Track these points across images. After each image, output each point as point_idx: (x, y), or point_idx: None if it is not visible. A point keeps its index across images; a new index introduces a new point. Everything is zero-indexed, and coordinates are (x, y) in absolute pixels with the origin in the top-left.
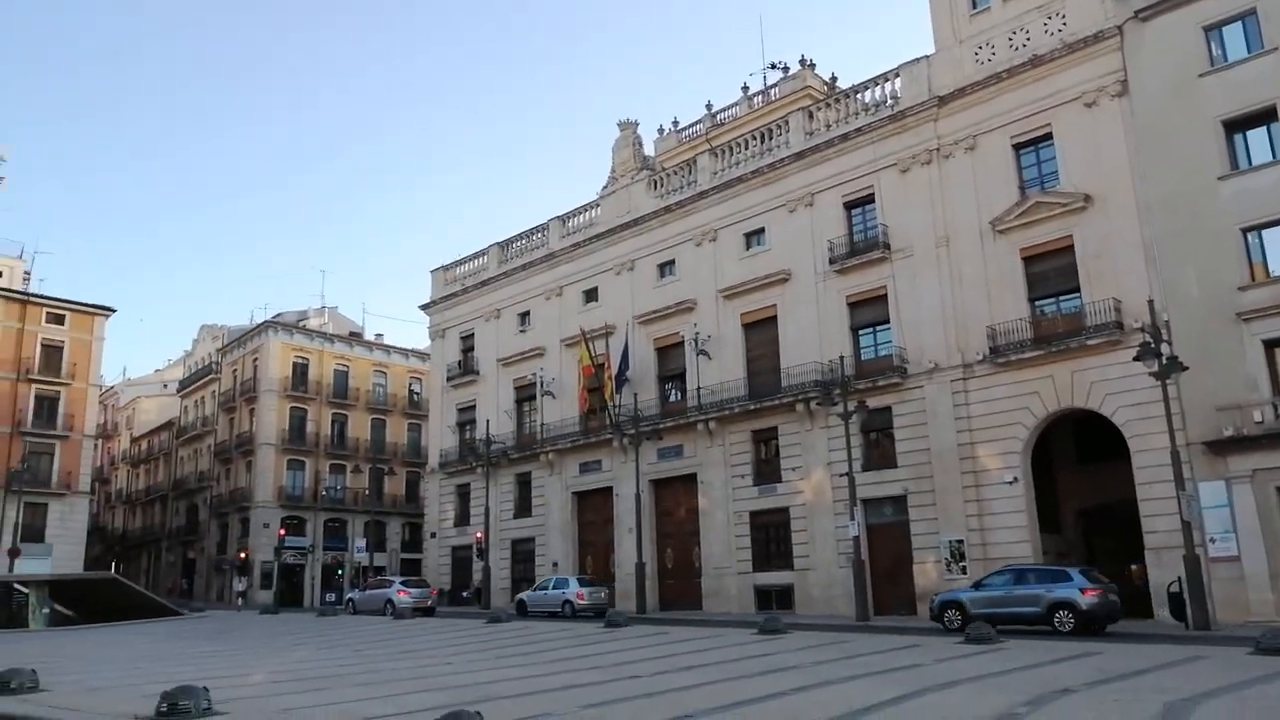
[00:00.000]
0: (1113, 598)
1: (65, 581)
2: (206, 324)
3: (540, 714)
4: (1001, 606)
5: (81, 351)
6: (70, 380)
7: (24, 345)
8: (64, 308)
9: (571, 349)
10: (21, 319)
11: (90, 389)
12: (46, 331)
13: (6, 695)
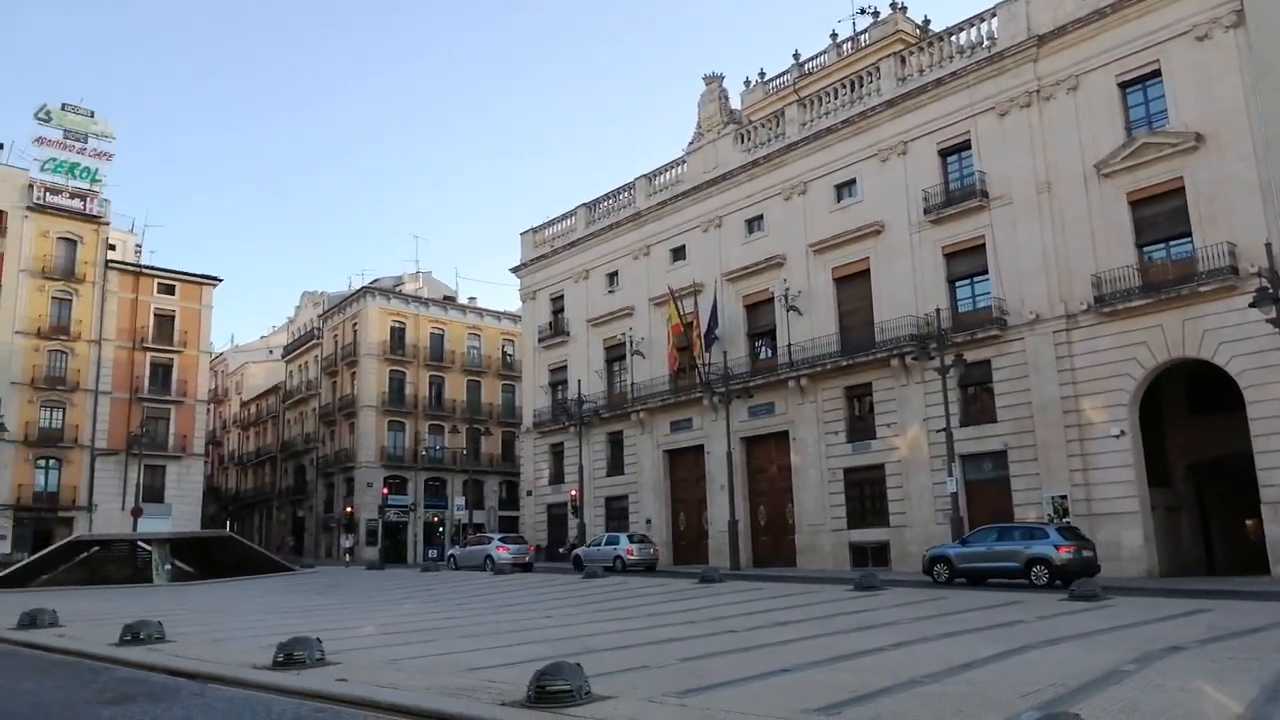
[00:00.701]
0: (1087, 554)
1: (184, 539)
2: (308, 291)
3: (638, 666)
4: (984, 561)
5: (191, 320)
6: (182, 348)
7: (138, 315)
8: (174, 278)
9: (660, 308)
10: (135, 290)
11: (201, 356)
12: (158, 302)
13: (136, 645)
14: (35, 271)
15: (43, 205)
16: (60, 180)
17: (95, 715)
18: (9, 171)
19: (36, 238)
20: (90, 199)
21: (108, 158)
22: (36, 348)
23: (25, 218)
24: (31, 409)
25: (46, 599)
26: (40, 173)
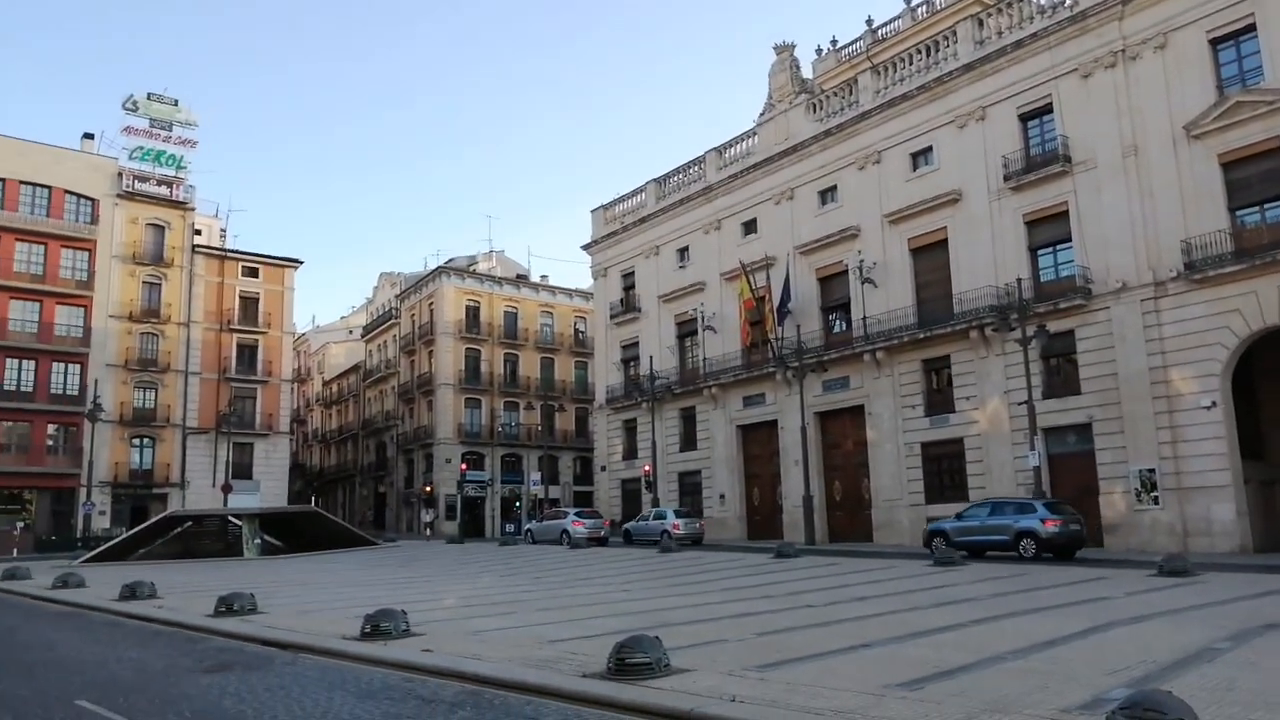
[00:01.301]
0: (1074, 527)
1: (272, 514)
2: (385, 272)
3: (716, 640)
4: (977, 535)
5: (274, 302)
6: (266, 329)
7: (224, 298)
8: (257, 261)
9: (731, 283)
10: (220, 274)
11: (284, 336)
12: (243, 284)
13: (231, 616)
14: (126, 257)
15: (132, 193)
16: (147, 168)
17: (195, 683)
18: (100, 160)
19: (126, 224)
20: (176, 185)
21: (191, 145)
22: (129, 331)
23: (116, 205)
24: (126, 390)
25: (144, 572)
26: (129, 161)
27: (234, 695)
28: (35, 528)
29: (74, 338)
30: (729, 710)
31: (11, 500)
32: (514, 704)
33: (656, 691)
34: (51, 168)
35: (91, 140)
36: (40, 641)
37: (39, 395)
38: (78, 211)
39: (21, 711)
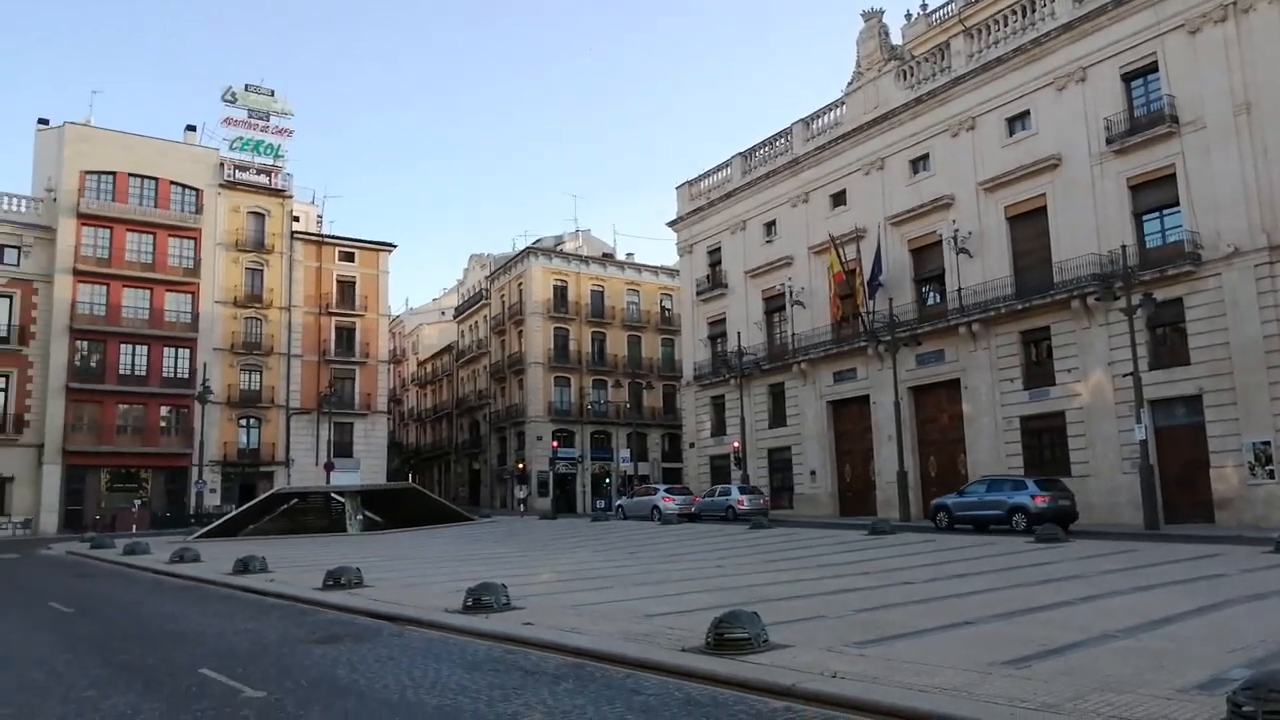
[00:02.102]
0: (1063, 503)
1: (372, 491)
2: (475, 253)
3: (814, 616)
4: (976, 510)
5: (370, 285)
6: (363, 312)
7: (322, 282)
8: (353, 246)
9: (820, 256)
10: (318, 259)
11: (380, 319)
12: (340, 269)
13: (338, 590)
14: (229, 245)
15: (233, 182)
16: (247, 158)
17: (309, 653)
18: (203, 152)
19: (229, 213)
20: (274, 174)
21: (288, 134)
22: (234, 315)
23: (218, 194)
24: (233, 372)
25: (255, 547)
26: (229, 151)
27: (346, 665)
28: (151, 505)
29: (183, 323)
30: (831, 686)
31: (129, 479)
32: (615, 677)
33: (756, 666)
34: (157, 160)
35: (194, 132)
36: (163, 614)
37: (152, 379)
38: (183, 201)
39: (152, 679)
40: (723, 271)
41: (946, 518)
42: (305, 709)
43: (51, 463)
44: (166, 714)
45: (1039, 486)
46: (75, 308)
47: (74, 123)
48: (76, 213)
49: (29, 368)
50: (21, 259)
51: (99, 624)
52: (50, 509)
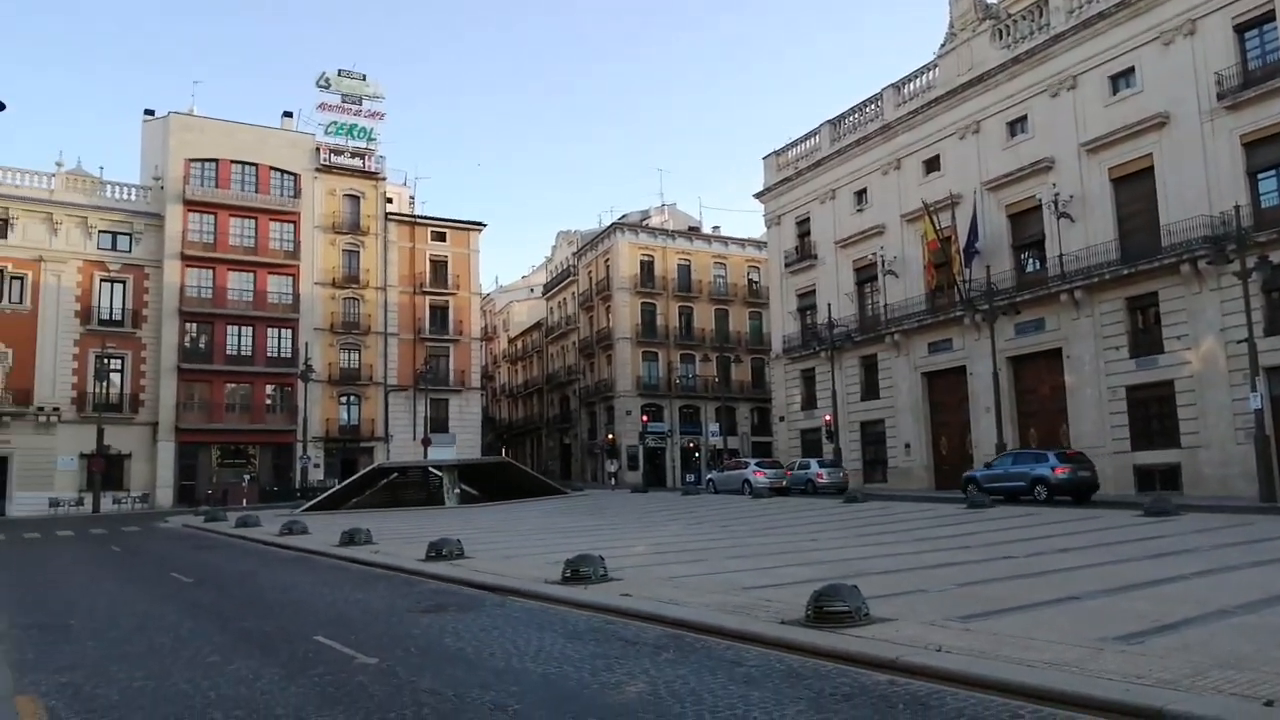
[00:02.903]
0: (1083, 474)
1: (468, 465)
2: (562, 230)
3: (914, 590)
4: (1001, 481)
5: (462, 264)
6: (455, 290)
7: (415, 262)
8: (445, 226)
9: (913, 224)
10: (411, 239)
11: (472, 297)
12: (432, 249)
13: (440, 561)
14: (326, 227)
15: (329, 166)
16: (341, 142)
17: (416, 622)
18: (299, 137)
19: (325, 196)
20: (368, 157)
21: (380, 117)
22: (333, 296)
23: (315, 179)
24: (333, 351)
25: (358, 520)
26: (324, 136)
27: (453, 634)
28: (259, 480)
29: (285, 304)
30: (935, 660)
31: (238, 455)
32: (716, 648)
33: (858, 640)
34: (257, 146)
35: (290, 118)
36: (276, 584)
37: (257, 359)
38: (282, 186)
39: (270, 645)
40: (812, 242)
41: (975, 489)
42: (416, 675)
43: (165, 440)
44: (286, 678)
45: (1059, 459)
46: (184, 291)
47: (178, 112)
48: (183, 199)
49: (142, 349)
50: (133, 245)
51: (217, 593)
52: (165, 484)
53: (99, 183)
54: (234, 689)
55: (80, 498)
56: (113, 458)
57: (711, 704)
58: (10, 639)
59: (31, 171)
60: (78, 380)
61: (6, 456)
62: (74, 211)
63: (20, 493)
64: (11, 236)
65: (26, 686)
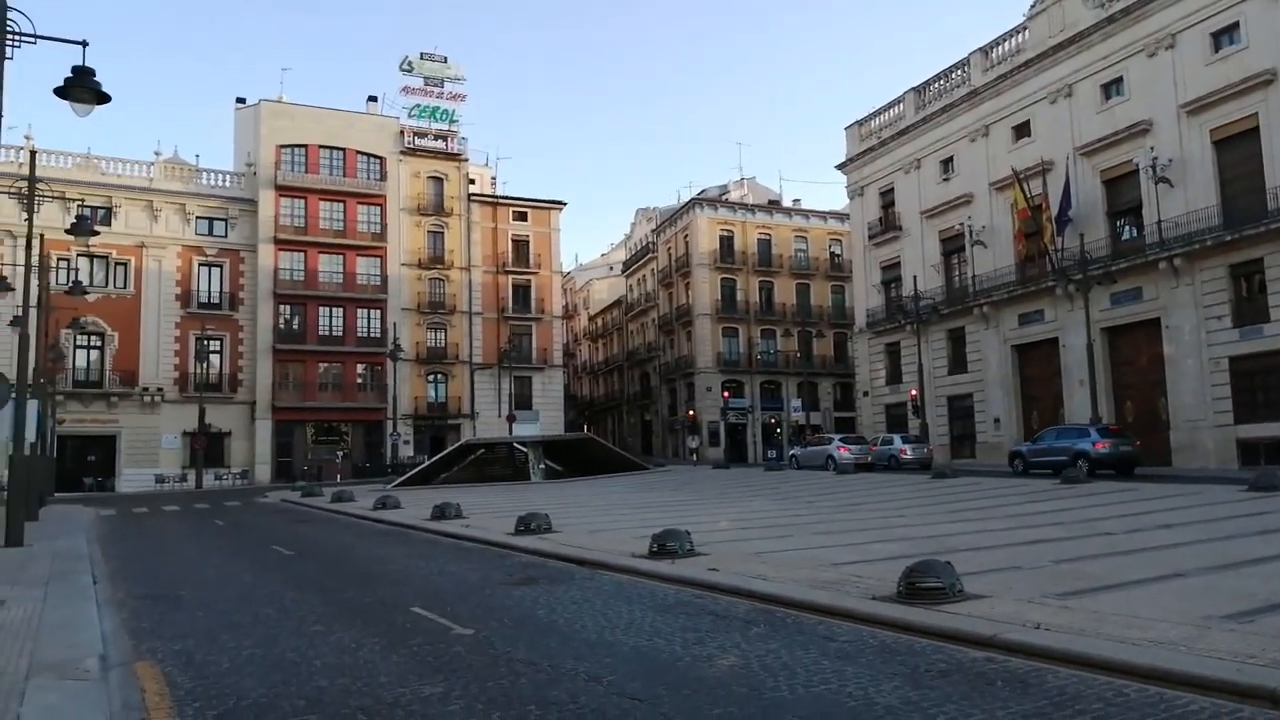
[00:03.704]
0: (1124, 448)
1: (552, 441)
2: (641, 207)
3: (1009, 567)
4: (1046, 456)
5: (543, 243)
6: (537, 269)
7: (498, 242)
8: (526, 206)
9: (1002, 192)
10: (494, 219)
11: (554, 275)
12: (514, 228)
13: (530, 535)
14: (411, 209)
15: (413, 149)
16: (424, 124)
17: (508, 594)
18: (384, 121)
19: (410, 179)
20: (450, 139)
21: (461, 99)
22: (419, 277)
23: (400, 161)
24: (420, 331)
25: (448, 495)
26: (408, 119)
27: (545, 606)
28: (352, 456)
29: (373, 285)
30: (1034, 638)
31: (331, 432)
32: (806, 623)
33: (953, 616)
34: (344, 131)
35: (375, 102)
36: (373, 556)
37: (348, 339)
38: (368, 170)
39: (369, 616)
40: (896, 213)
41: (1022, 463)
42: (511, 646)
43: (263, 418)
44: (387, 648)
45: (1100, 434)
46: (277, 274)
47: (269, 100)
48: (274, 185)
49: (239, 331)
50: (228, 230)
51: (317, 565)
52: (263, 460)
53: (195, 170)
54: (337, 657)
55: (184, 474)
56: (214, 435)
57: (805, 678)
58: (128, 608)
59: (132, 161)
60: (179, 361)
61: (115, 435)
62: (173, 199)
63: (128, 469)
64: (115, 224)
65: (144, 653)
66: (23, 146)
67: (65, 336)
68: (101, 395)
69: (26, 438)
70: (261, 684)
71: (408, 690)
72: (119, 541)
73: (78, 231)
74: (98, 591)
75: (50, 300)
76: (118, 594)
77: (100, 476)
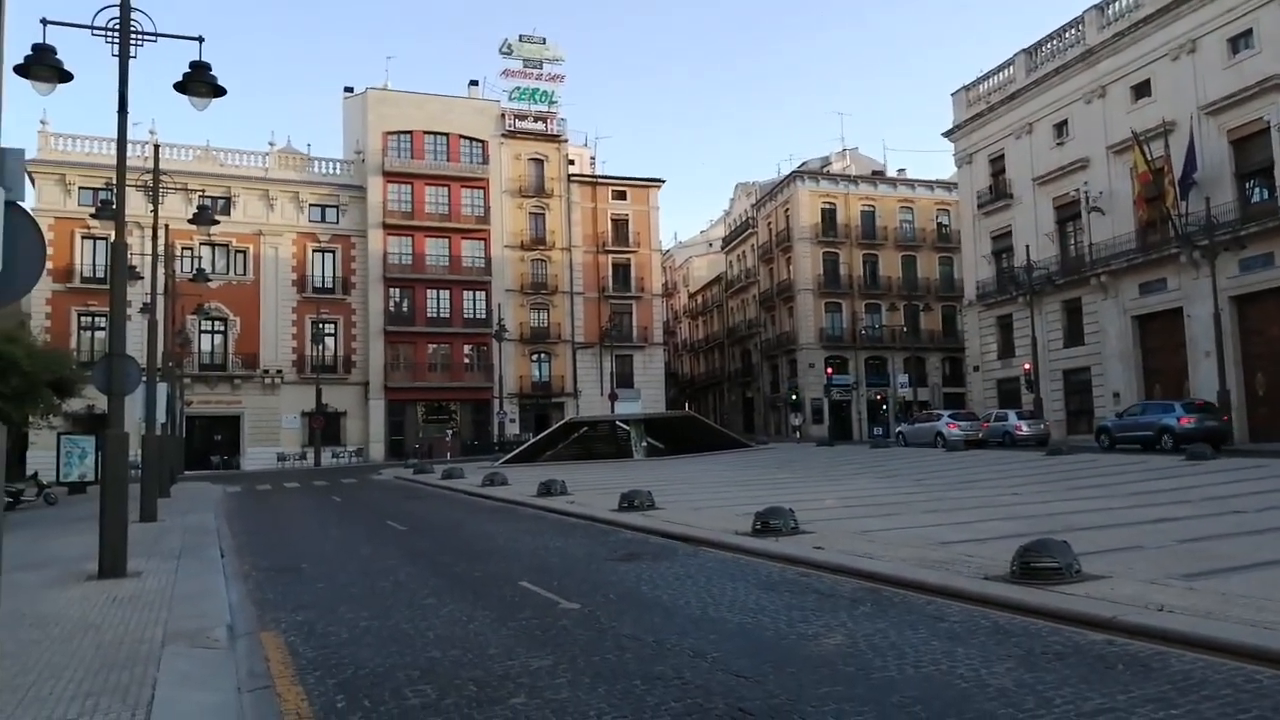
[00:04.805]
0: (1210, 424)
1: (653, 419)
2: (741, 182)
3: (1130, 546)
4: (1131, 431)
5: (642, 222)
6: (636, 248)
7: (597, 222)
8: (625, 185)
9: (1120, 156)
10: (593, 199)
11: (653, 254)
12: (613, 208)
13: (632, 511)
14: (513, 192)
15: (513, 131)
16: (524, 107)
17: (613, 570)
18: (485, 105)
19: (511, 161)
20: (550, 120)
21: (560, 80)
22: (521, 258)
23: (501, 144)
24: (523, 311)
25: (553, 472)
26: (508, 102)
27: (649, 582)
28: (461, 434)
29: (477, 268)
30: (1157, 620)
31: (440, 411)
32: (915, 603)
33: (1070, 597)
34: (447, 116)
35: (476, 86)
36: (482, 532)
37: (455, 320)
38: (471, 154)
39: (479, 590)
40: (1007, 180)
41: (1108, 439)
42: (617, 620)
43: (376, 398)
44: (497, 620)
45: (1185, 409)
46: (386, 258)
47: (374, 88)
48: (382, 171)
49: (352, 314)
50: (339, 216)
51: (429, 540)
52: (377, 439)
53: (307, 159)
54: (449, 629)
55: (303, 452)
56: (330, 415)
57: (914, 659)
58: (253, 580)
59: (249, 151)
60: (296, 344)
61: (239, 415)
62: (287, 187)
63: (252, 448)
64: (234, 213)
65: (268, 623)
66: (148, 141)
67: (191, 322)
68: (225, 378)
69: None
70: (378, 654)
71: (516, 663)
72: (244, 517)
73: (199, 221)
74: (225, 564)
75: (176, 288)
76: (243, 566)
77: (226, 455)
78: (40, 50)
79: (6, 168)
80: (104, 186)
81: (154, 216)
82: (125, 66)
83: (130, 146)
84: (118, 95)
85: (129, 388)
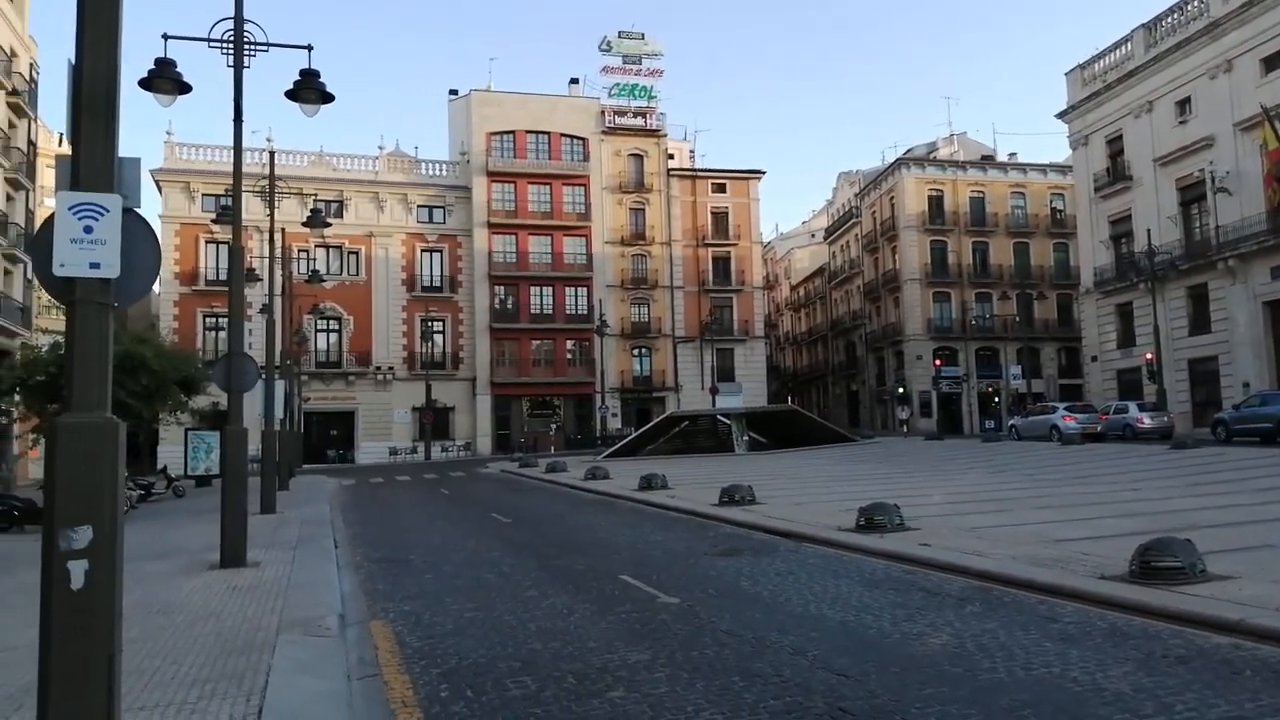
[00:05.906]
0: None
1: (755, 413)
2: (843, 171)
3: (1258, 545)
4: (1247, 423)
5: (742, 214)
6: (736, 241)
7: (697, 215)
8: (724, 177)
9: (1250, 132)
10: (693, 193)
11: (754, 246)
12: (713, 201)
13: (733, 506)
14: (613, 188)
15: (613, 128)
16: (623, 103)
17: (713, 564)
18: (585, 102)
19: (611, 157)
20: (649, 115)
21: (658, 74)
22: (622, 254)
23: (601, 141)
24: (624, 306)
25: (654, 466)
26: (608, 98)
27: (749, 577)
28: (564, 428)
29: (579, 264)
30: None
31: (544, 406)
32: (1026, 602)
33: (1193, 598)
34: (547, 115)
35: (576, 84)
36: (585, 525)
37: (558, 316)
38: (572, 151)
39: (580, 582)
40: (1125, 162)
41: (1224, 431)
42: (716, 616)
43: (483, 393)
44: (597, 613)
45: None
46: (491, 257)
47: (478, 89)
48: (486, 171)
49: (459, 312)
50: (446, 217)
51: (532, 533)
52: (484, 433)
53: (415, 162)
54: (550, 622)
55: (414, 446)
56: (439, 410)
57: (1024, 660)
58: (365, 570)
59: (359, 156)
60: (407, 342)
61: (353, 411)
62: (396, 189)
63: (365, 442)
64: (346, 215)
65: (378, 613)
66: (264, 148)
67: (307, 321)
68: (340, 375)
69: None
70: (481, 645)
71: (615, 656)
72: (357, 509)
73: (312, 224)
74: (338, 555)
75: (293, 289)
76: (356, 557)
77: (341, 449)
78: (162, 64)
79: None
80: (224, 193)
81: (270, 220)
82: (240, 76)
83: (247, 154)
84: (233, 104)
85: (247, 385)
